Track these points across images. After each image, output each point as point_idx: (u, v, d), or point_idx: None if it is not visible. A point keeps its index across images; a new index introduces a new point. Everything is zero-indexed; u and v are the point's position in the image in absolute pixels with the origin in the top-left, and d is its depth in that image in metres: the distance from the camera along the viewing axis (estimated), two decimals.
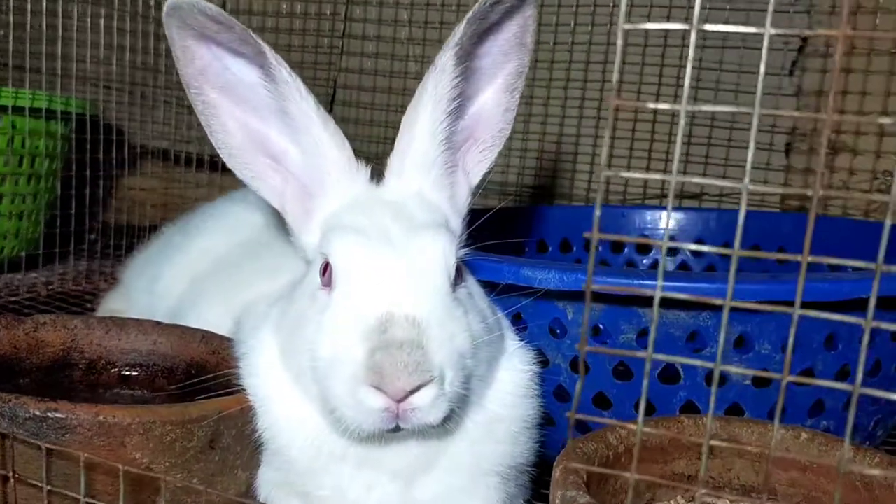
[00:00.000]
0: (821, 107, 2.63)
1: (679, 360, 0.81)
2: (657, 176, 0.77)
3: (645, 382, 0.81)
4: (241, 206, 2.17)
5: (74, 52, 2.76)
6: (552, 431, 1.54)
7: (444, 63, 1.37)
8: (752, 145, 0.81)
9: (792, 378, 0.80)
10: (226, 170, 3.39)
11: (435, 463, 1.34)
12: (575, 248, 2.43)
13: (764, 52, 0.76)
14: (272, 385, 1.37)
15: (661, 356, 0.81)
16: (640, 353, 0.81)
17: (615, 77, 0.79)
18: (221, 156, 1.50)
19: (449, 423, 1.26)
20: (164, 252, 2.18)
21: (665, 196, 2.78)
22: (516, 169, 2.86)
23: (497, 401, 1.37)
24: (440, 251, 1.30)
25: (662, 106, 0.79)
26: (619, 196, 2.86)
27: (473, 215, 1.47)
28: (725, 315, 0.81)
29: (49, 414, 1.23)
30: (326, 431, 1.31)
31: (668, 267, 2.44)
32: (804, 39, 2.59)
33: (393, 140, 1.44)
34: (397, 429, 1.21)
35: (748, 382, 1.47)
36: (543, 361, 1.48)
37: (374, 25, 3.09)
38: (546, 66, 2.85)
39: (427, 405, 1.18)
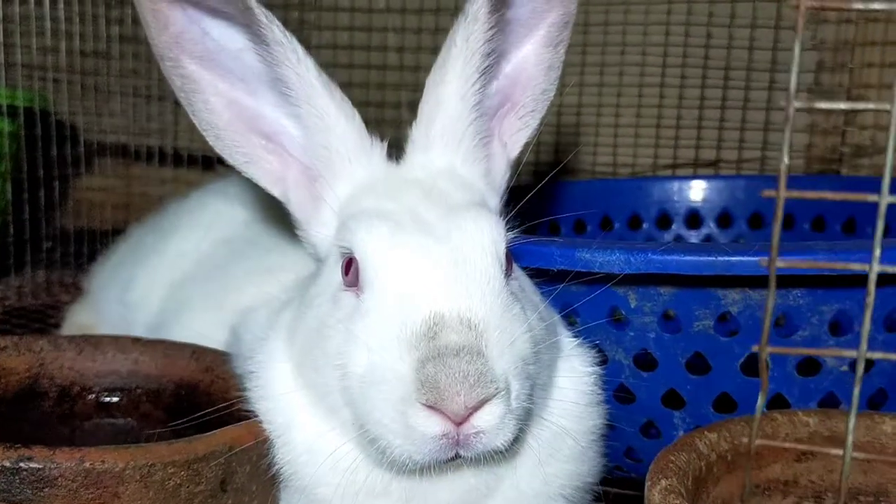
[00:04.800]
0: (844, 61, 2.44)
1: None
2: (856, 105, 0.55)
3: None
4: (219, 200, 1.93)
5: (18, 39, 2.47)
6: (611, 437, 1.32)
7: (477, 10, 1.16)
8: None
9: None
10: (192, 163, 3.12)
11: (494, 492, 1.13)
12: (590, 228, 2.22)
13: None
14: (291, 410, 1.14)
15: (878, 354, 0.59)
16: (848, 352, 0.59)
17: None
18: (207, 138, 1.28)
19: (514, 445, 1.03)
20: (135, 255, 1.93)
21: (678, 166, 2.58)
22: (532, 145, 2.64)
23: (560, 412, 1.16)
24: (488, 236, 1.08)
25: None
26: (628, 168, 2.65)
27: None
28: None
29: (22, 465, 0.98)
30: (363, 464, 1.08)
31: (692, 241, 2.24)
32: None
33: (375, 122, 1.23)
34: (456, 457, 0.99)
35: (845, 368, 1.26)
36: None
37: None
38: None
39: (494, 426, 0.97)
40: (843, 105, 0.64)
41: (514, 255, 1.19)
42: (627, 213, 2.25)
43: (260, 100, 1.26)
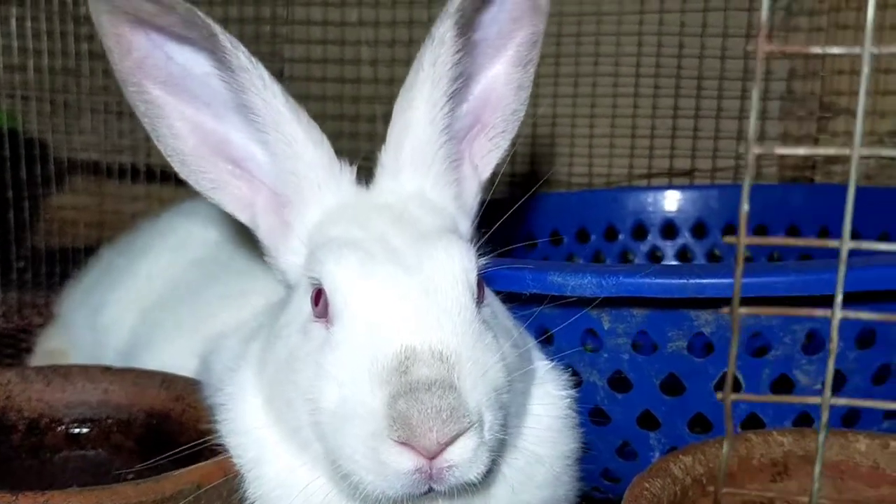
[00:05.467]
0: (815, 69, 2.45)
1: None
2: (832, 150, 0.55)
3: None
4: (190, 221, 1.90)
5: None
6: (586, 459, 1.31)
7: (444, 34, 1.14)
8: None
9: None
10: (165, 180, 3.10)
11: None
12: (566, 240, 2.21)
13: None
14: (262, 444, 1.12)
15: (843, 401, 0.58)
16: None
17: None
18: (172, 164, 1.26)
19: (488, 475, 1.02)
20: (106, 279, 1.89)
21: (653, 176, 2.58)
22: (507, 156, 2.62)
23: (535, 439, 1.15)
24: (459, 265, 1.07)
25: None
26: (603, 179, 2.65)
27: None
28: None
29: None
30: (336, 498, 1.07)
31: (667, 252, 2.24)
32: None
33: (350, 135, 1.21)
34: (429, 490, 0.98)
35: (818, 387, 1.26)
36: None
37: (320, 9, 2.82)
38: None
39: (467, 460, 0.95)
40: (801, 150, 0.64)
41: (486, 280, 1.18)
42: (603, 224, 2.24)
43: (227, 125, 1.24)
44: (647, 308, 1.24)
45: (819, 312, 0.58)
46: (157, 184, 2.97)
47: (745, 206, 0.56)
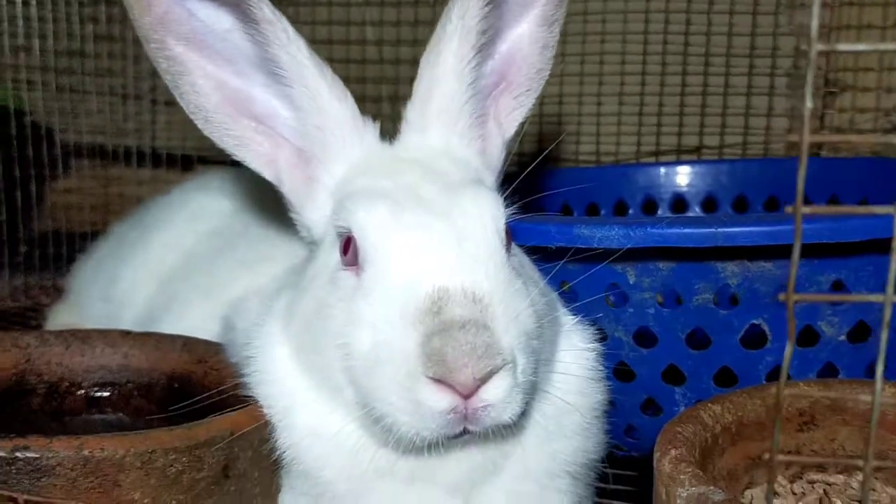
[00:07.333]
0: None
1: None
2: None
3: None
4: (203, 193, 1.90)
5: None
6: (611, 414, 1.32)
7: None
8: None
9: None
10: (171, 163, 3.08)
11: (500, 469, 1.11)
12: (576, 214, 2.22)
13: None
14: (292, 393, 1.12)
15: None
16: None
17: None
18: (195, 121, 1.25)
19: (520, 420, 1.02)
20: (119, 251, 1.89)
21: (661, 153, 2.58)
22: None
23: (564, 388, 1.15)
24: (488, 212, 1.07)
25: None
26: (611, 157, 2.65)
27: None
28: None
29: (18, 454, 0.96)
30: (367, 444, 1.07)
31: None
32: None
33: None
34: (463, 432, 0.98)
35: (843, 338, 1.26)
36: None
37: None
38: None
39: (501, 399, 0.96)
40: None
41: (511, 232, 1.19)
42: (613, 199, 2.24)
43: (249, 81, 1.24)
44: (674, 260, 1.24)
45: (873, 298, 0.58)
46: (163, 167, 2.97)
47: (801, 173, 0.56)
